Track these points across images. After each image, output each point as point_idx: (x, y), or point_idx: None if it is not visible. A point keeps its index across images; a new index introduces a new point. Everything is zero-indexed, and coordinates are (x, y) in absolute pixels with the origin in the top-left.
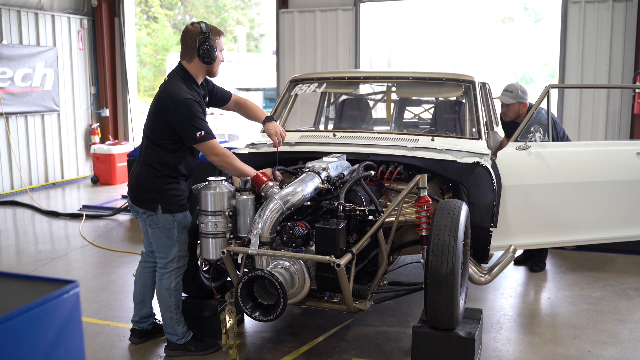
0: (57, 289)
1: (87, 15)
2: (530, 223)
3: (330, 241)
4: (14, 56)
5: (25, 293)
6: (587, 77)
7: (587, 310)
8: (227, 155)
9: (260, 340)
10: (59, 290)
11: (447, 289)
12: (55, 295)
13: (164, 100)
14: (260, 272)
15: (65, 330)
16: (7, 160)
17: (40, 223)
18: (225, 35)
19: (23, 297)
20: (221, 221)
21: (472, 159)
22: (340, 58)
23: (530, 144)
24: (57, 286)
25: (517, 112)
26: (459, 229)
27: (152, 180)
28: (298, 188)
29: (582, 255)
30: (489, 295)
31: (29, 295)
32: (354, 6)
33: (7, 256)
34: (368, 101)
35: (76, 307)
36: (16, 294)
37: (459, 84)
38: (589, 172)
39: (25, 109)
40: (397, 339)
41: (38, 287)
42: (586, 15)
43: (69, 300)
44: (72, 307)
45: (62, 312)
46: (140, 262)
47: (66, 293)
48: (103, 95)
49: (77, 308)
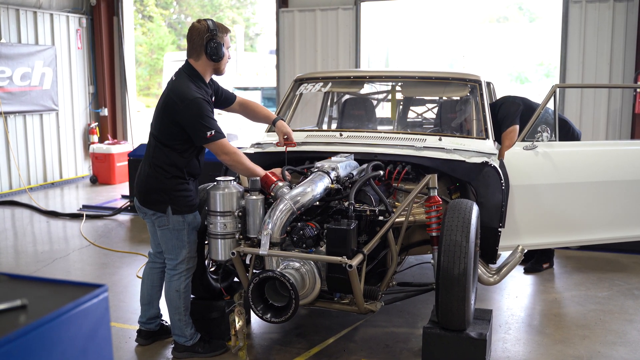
0: (87, 294)
1: (86, 14)
2: (537, 223)
3: (342, 242)
4: (13, 55)
5: (54, 298)
6: (588, 76)
7: (594, 310)
8: (238, 155)
9: (268, 342)
10: (89, 294)
11: (459, 289)
12: (85, 299)
13: (173, 99)
14: (271, 273)
15: (95, 334)
16: (5, 159)
17: (39, 223)
18: (231, 32)
19: (53, 302)
20: (230, 222)
21: (480, 158)
22: (340, 57)
23: (537, 143)
24: (86, 290)
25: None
26: (471, 229)
27: (162, 182)
28: (308, 188)
29: (586, 255)
30: (495, 296)
31: (58, 301)
32: (355, 5)
33: (6, 257)
34: (372, 100)
35: (105, 311)
36: (45, 298)
37: (465, 84)
38: (596, 171)
39: (24, 108)
40: (405, 339)
41: (67, 291)
42: (587, 15)
43: (99, 305)
44: (101, 311)
45: (92, 317)
46: (148, 262)
47: (96, 297)
48: (102, 95)
49: (106, 312)
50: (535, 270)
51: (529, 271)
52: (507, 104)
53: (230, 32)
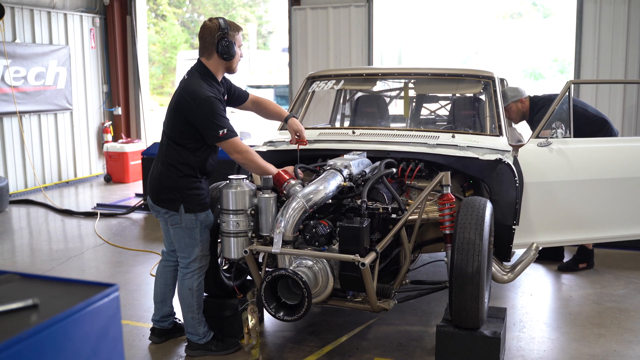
0: (98, 293)
1: (99, 14)
2: (552, 220)
3: (355, 240)
4: (27, 55)
5: (65, 297)
6: (603, 72)
7: (610, 308)
8: (250, 153)
9: (281, 340)
10: (100, 294)
11: (473, 288)
12: (96, 299)
13: (185, 98)
14: (284, 271)
15: (106, 334)
16: (21, 158)
17: (54, 222)
18: (243, 31)
19: (64, 302)
20: (243, 220)
21: (494, 155)
22: (353, 55)
23: (551, 140)
24: (97, 290)
25: (519, 112)
26: (485, 226)
27: (175, 180)
28: (321, 186)
29: (602, 252)
30: (509, 294)
31: (69, 300)
32: (367, 2)
33: (21, 255)
34: (384, 98)
35: (116, 310)
36: (56, 298)
37: (479, 80)
38: (611, 168)
39: (39, 108)
40: (419, 338)
41: (78, 290)
42: (602, 10)
43: (110, 304)
44: (112, 310)
45: (103, 316)
46: (161, 261)
47: (106, 297)
48: (115, 94)
49: (117, 312)
50: (571, 270)
51: (564, 270)
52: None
53: (242, 31)
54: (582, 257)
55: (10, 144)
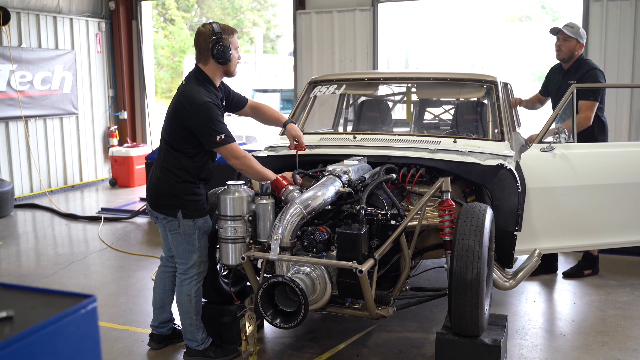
0: (75, 304)
1: (105, 19)
2: (555, 226)
3: (352, 246)
4: (33, 60)
5: (42, 308)
6: (610, 76)
7: (614, 315)
8: (248, 159)
9: (280, 347)
10: (77, 305)
11: (472, 295)
12: (73, 310)
13: (183, 103)
14: (280, 278)
15: (83, 347)
16: (26, 163)
17: (59, 226)
18: (238, 32)
19: (40, 313)
20: (240, 226)
21: (495, 161)
22: (358, 59)
23: (555, 145)
24: (75, 301)
25: (572, 50)
26: (484, 233)
27: (173, 186)
28: (319, 192)
29: (607, 258)
30: (512, 300)
31: (46, 311)
32: (372, 6)
33: (25, 259)
34: (387, 102)
35: (94, 322)
36: (33, 309)
37: (481, 85)
38: (615, 173)
39: (44, 112)
40: (419, 345)
41: (56, 301)
42: (608, 13)
43: (87, 316)
44: (90, 322)
45: (80, 329)
46: (160, 266)
47: (83, 308)
48: (121, 98)
49: (94, 324)
50: (575, 276)
51: (569, 276)
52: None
53: (237, 32)
54: (587, 264)
55: (16, 148)
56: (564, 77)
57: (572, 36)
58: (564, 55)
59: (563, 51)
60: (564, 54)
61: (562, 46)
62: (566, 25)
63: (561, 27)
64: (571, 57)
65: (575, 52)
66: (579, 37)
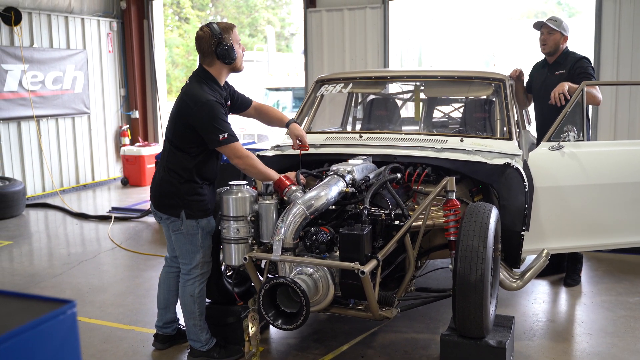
0: (54, 310)
1: (117, 18)
2: (564, 226)
3: (355, 247)
4: (45, 60)
5: (18, 314)
6: (624, 73)
7: (624, 316)
8: (251, 158)
9: (285, 347)
10: (56, 311)
11: (477, 296)
12: (51, 316)
13: (186, 102)
14: (282, 279)
15: (61, 353)
16: (38, 162)
17: (70, 225)
18: (251, 29)
19: (16, 319)
20: (243, 226)
21: (502, 160)
22: (369, 57)
23: (563, 143)
24: (54, 306)
25: (557, 43)
26: (489, 234)
27: (176, 186)
28: (322, 192)
29: (618, 257)
30: (521, 301)
31: (23, 317)
32: (382, 4)
33: (37, 259)
34: (396, 101)
35: (73, 328)
36: (10, 315)
37: (489, 83)
38: (625, 172)
39: (56, 112)
40: (425, 346)
41: (34, 307)
42: (622, 9)
43: (66, 322)
44: (68, 329)
45: (59, 334)
46: (165, 267)
47: (62, 314)
48: (133, 97)
49: (74, 330)
50: (575, 283)
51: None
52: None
53: (235, 27)
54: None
55: (28, 148)
56: (550, 70)
57: (556, 29)
58: (550, 48)
59: (549, 44)
60: (550, 47)
61: (547, 40)
62: (549, 19)
63: (544, 21)
64: (556, 50)
65: (560, 45)
66: (563, 30)
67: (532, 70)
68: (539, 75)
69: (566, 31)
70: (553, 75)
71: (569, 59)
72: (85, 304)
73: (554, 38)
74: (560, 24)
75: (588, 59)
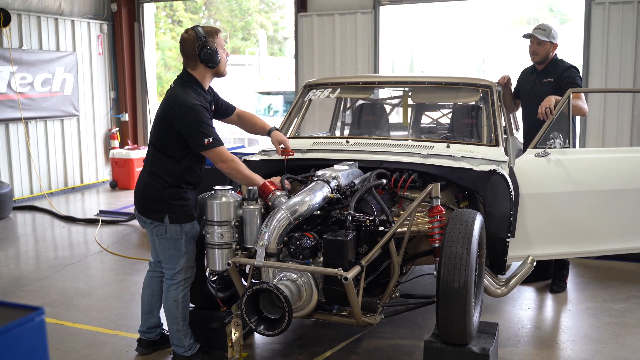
0: (21, 317)
1: (107, 20)
2: (549, 233)
3: (338, 253)
4: (34, 61)
5: None
6: (612, 80)
7: (609, 323)
8: (236, 162)
9: (269, 353)
10: (24, 318)
11: (460, 303)
12: (18, 323)
13: (171, 106)
14: (265, 285)
15: None
16: (26, 165)
17: (58, 228)
18: (242, 33)
19: None
20: (227, 231)
21: (488, 166)
22: (359, 62)
23: (549, 150)
24: (22, 313)
25: (547, 53)
26: (473, 240)
27: (159, 191)
28: (306, 198)
29: (604, 264)
30: (506, 307)
31: None
32: (373, 9)
33: (23, 262)
34: (384, 106)
35: (42, 336)
36: None
37: (477, 89)
38: (611, 179)
39: (45, 114)
40: (409, 352)
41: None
42: (610, 17)
43: (34, 330)
44: (37, 336)
45: (26, 343)
46: (148, 271)
47: (30, 321)
48: (122, 100)
49: (42, 337)
50: (560, 290)
51: (556, 291)
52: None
53: (221, 31)
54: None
55: (16, 150)
56: (538, 78)
57: (546, 39)
58: (540, 58)
59: (540, 55)
60: (540, 57)
61: (538, 50)
62: (537, 29)
63: (532, 32)
64: (546, 59)
65: (550, 54)
66: (552, 39)
67: (520, 76)
68: (527, 82)
69: (555, 38)
70: (541, 83)
71: (558, 67)
72: (70, 308)
73: (544, 48)
74: (549, 32)
75: (576, 67)
